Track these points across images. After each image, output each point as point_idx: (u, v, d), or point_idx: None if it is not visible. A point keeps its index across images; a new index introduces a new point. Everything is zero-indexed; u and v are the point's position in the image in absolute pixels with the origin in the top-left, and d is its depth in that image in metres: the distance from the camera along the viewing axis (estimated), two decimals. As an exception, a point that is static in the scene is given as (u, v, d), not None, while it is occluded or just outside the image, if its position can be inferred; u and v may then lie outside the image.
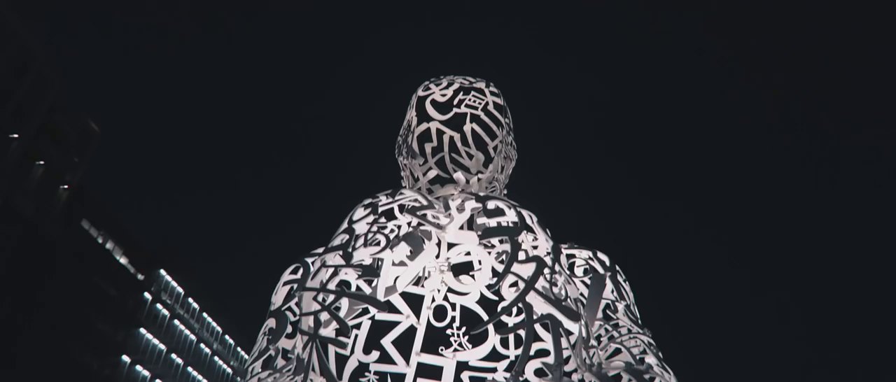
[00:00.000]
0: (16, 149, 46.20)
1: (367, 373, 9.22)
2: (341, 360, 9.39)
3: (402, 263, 8.08)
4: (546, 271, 7.41)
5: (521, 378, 6.54)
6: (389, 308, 7.61)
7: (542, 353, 7.66)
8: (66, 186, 51.11)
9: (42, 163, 48.82)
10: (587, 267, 9.20)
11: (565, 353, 7.11)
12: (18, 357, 43.57)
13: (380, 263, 7.81)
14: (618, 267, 9.18)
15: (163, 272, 62.83)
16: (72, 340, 49.20)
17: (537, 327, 8.10)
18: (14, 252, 45.25)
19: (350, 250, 7.88)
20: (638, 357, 7.73)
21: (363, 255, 7.83)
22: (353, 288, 7.87)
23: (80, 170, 52.66)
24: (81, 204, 52.61)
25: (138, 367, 58.27)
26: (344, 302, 7.53)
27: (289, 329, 8.74)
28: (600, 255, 9.22)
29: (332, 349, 8.61)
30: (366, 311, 9.24)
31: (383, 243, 7.99)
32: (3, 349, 43.12)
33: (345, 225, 8.53)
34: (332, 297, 7.52)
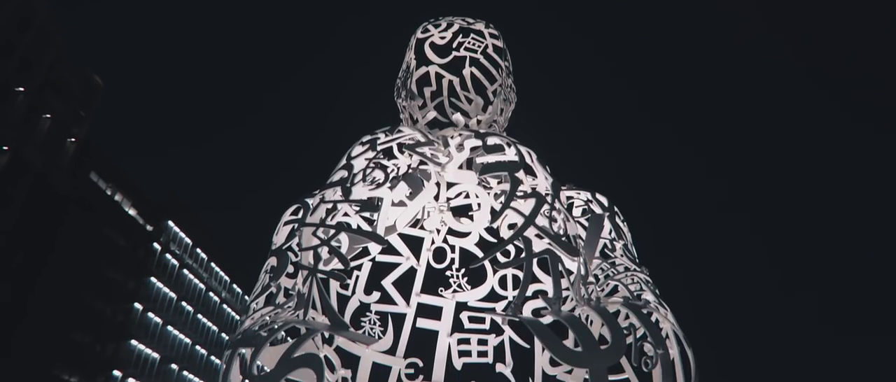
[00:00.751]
0: (21, 103, 45.76)
1: (368, 313, 9.06)
2: (343, 300, 9.20)
3: (401, 203, 7.85)
4: (545, 207, 7.21)
5: (519, 313, 6.38)
6: (388, 244, 7.39)
7: (541, 293, 7.38)
8: (72, 139, 50.84)
9: (48, 116, 48.44)
10: (586, 208, 9.05)
11: (564, 289, 6.93)
12: (34, 305, 44.05)
13: (379, 202, 7.59)
14: (616, 209, 9.01)
15: (171, 223, 63.04)
16: (85, 288, 49.66)
17: (535, 266, 7.86)
18: (25, 203, 45.31)
19: (348, 186, 7.65)
20: (635, 294, 7.63)
21: (362, 191, 7.61)
22: (353, 226, 7.61)
23: (85, 123, 52.27)
24: (89, 156, 52.42)
25: (150, 314, 59.04)
26: (344, 239, 7.34)
27: (290, 268, 8.55)
28: (599, 197, 9.03)
29: (333, 286, 8.39)
30: (366, 252, 9.02)
31: (381, 179, 7.77)
32: (19, 297, 43.56)
33: (343, 162, 8.29)
34: (331, 232, 7.28)
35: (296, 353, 6.74)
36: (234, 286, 74.40)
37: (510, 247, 10.24)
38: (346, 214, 8.70)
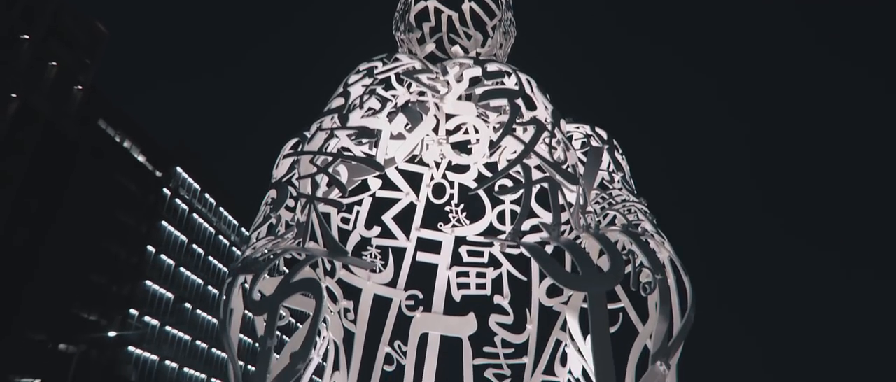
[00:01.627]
0: (27, 51, 44.91)
1: (369, 247, 8.85)
2: (344, 235, 8.97)
3: (399, 136, 7.52)
4: (545, 135, 6.91)
5: (518, 238, 6.14)
6: (385, 169, 7.07)
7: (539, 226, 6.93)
8: (79, 87, 50.10)
9: (54, 64, 47.61)
10: (585, 140, 8.75)
11: (563, 216, 6.64)
12: (50, 248, 44.29)
13: (378, 135, 7.26)
14: (615, 142, 8.71)
15: (179, 169, 62.85)
16: (99, 232, 49.87)
17: (534, 200, 7.54)
18: (36, 150, 45.00)
19: (345, 113, 7.32)
20: (634, 223, 7.41)
21: (359, 118, 7.27)
22: (351, 153, 7.22)
23: (91, 70, 51.40)
24: (96, 104, 51.79)
25: (163, 256, 59.53)
26: (343, 169, 7.05)
27: (290, 202, 8.29)
28: (598, 130, 8.74)
29: (334, 220, 8.14)
30: (366, 187, 8.73)
31: (378, 107, 7.41)
32: (35, 241, 43.77)
33: (340, 89, 7.94)
34: (328, 160, 6.96)
35: (294, 279, 6.64)
36: (243, 230, 74.83)
37: (510, 179, 10.04)
38: (344, 149, 8.45)
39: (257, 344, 6.67)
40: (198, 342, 64.73)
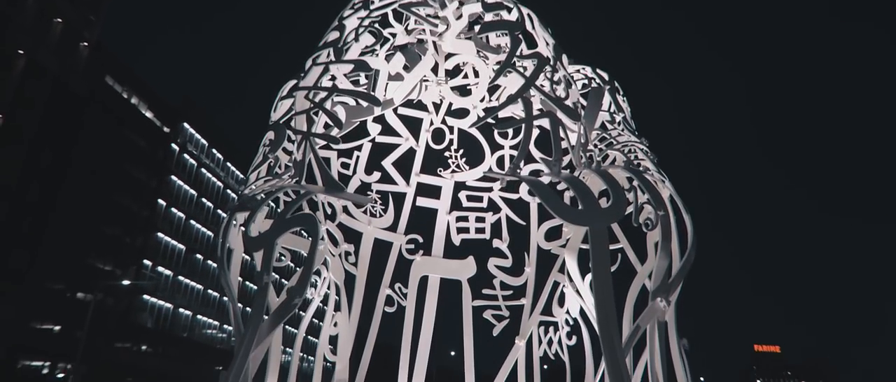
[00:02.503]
0: (32, 7, 43.71)
1: (369, 192, 8.45)
2: (344, 180, 8.56)
3: (398, 76, 7.07)
4: (547, 70, 6.47)
5: (518, 172, 5.78)
6: (381, 103, 6.65)
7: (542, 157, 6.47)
8: (85, 43, 49.00)
9: (59, 20, 46.42)
10: (586, 81, 8.30)
11: (564, 148, 6.22)
12: (63, 202, 44.16)
13: (375, 74, 6.81)
14: (617, 84, 8.27)
15: (186, 125, 62.23)
16: (110, 186, 49.66)
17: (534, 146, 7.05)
18: (46, 106, 44.35)
19: (340, 46, 6.87)
20: (635, 162, 7.04)
21: (355, 52, 6.79)
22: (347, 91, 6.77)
23: (96, 27, 50.17)
24: (102, 60, 50.81)
25: (174, 209, 59.45)
26: (340, 110, 6.64)
27: (290, 145, 7.90)
28: (599, 72, 8.30)
29: (335, 163, 7.76)
30: (365, 131, 8.26)
31: (373, 41, 6.94)
32: (49, 194, 43.60)
33: (335, 23, 7.46)
34: (324, 95, 6.52)
35: (290, 215, 6.37)
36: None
37: (507, 127, 9.68)
38: (337, 71, 7.98)
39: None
40: (209, 291, 65.33)
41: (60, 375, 42.33)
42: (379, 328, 9.42)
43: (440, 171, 10.49)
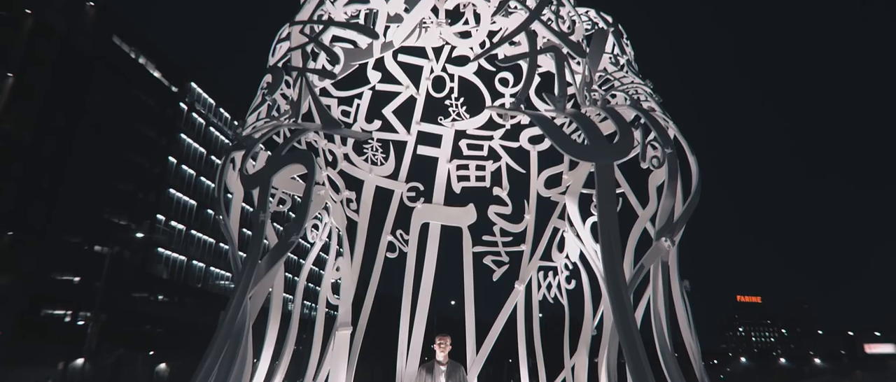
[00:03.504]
0: (36, -35, 42.36)
1: (369, 140, 7.89)
2: (344, 128, 7.78)
3: (397, 17, 6.47)
4: (552, 3, 5.90)
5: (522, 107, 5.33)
6: (378, 36, 6.09)
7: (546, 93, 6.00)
8: (92, 3, 47.73)
9: (65, -21, 45.07)
10: (590, 25, 7.72)
11: (569, 88, 5.73)
12: (76, 158, 43.76)
13: (375, 14, 6.22)
14: (620, 27, 7.71)
15: (194, 84, 61.27)
16: (122, 143, 49.17)
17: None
18: (55, 66, 43.48)
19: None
20: (640, 101, 6.55)
21: None
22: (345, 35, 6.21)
23: (102, -14, 48.75)
24: (109, 20, 49.56)
25: (184, 166, 59.10)
26: (339, 51, 6.10)
27: (290, 91, 7.38)
28: (603, 14, 7.71)
29: (335, 112, 7.26)
30: (365, 78, 7.67)
31: None
32: (62, 150, 43.17)
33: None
34: (320, 29, 6.00)
35: (285, 151, 6.01)
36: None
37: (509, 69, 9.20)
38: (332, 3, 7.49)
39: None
40: (221, 244, 65.53)
41: (81, 323, 42.78)
42: (381, 275, 9.16)
43: (440, 120, 10.06)
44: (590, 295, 8.08)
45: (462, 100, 9.94)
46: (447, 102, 9.94)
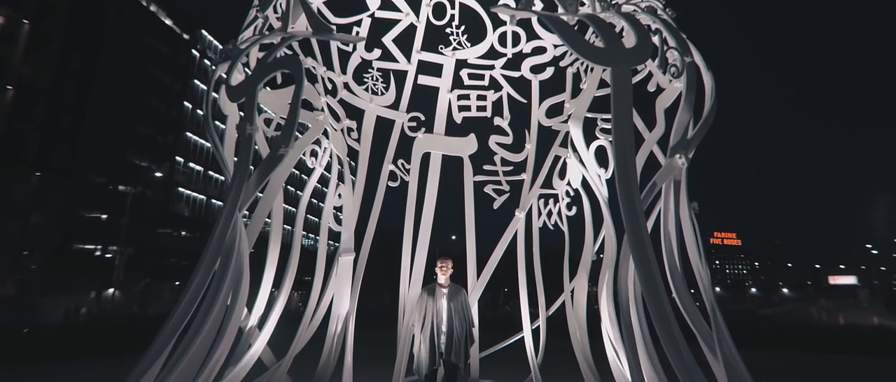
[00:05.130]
0: (45, -88, 39.90)
1: (370, 70, 6.76)
2: (344, 57, 6.89)
3: None
4: None
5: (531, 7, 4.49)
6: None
7: None
8: (100, -50, 45.31)
9: (74, -73, 42.59)
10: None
11: None
12: (95, 103, 42.69)
13: None
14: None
15: (204, 32, 59.22)
16: (138, 89, 47.93)
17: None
18: (69, 14, 41.73)
19: None
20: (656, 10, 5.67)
21: None
22: None
23: (109, -67, 46.15)
24: (119, -33, 47.23)
25: (199, 111, 57.93)
26: None
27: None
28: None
29: (334, 42, 6.26)
30: (365, 5, 6.57)
31: None
32: (81, 95, 42.06)
33: None
34: None
35: (273, 58, 5.33)
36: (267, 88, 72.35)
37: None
38: None
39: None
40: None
41: (108, 256, 42.97)
42: (383, 207, 8.58)
43: (441, 49, 9.24)
44: (591, 221, 7.54)
45: (463, 28, 9.09)
46: (448, 31, 9.10)
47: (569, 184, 8.10)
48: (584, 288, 7.40)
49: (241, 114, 5.86)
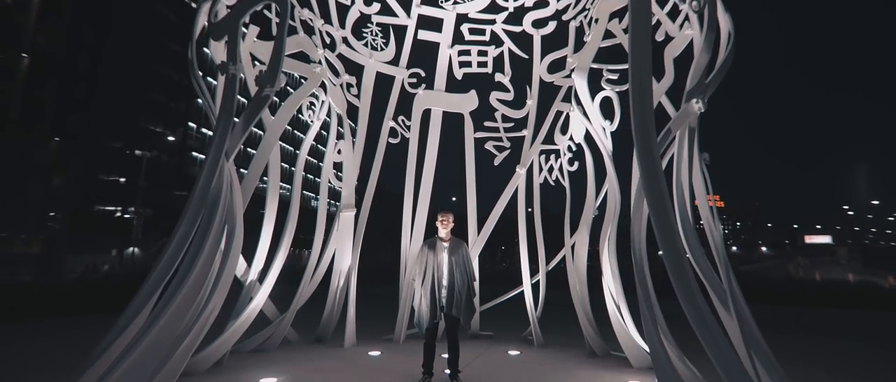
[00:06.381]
0: None
1: (369, 24, 5.96)
2: (343, 10, 6.05)
3: None
4: None
5: None
6: None
7: None
8: (107, -82, 43.37)
9: None
10: None
11: None
12: (107, 71, 41.68)
13: None
14: None
15: (213, 1, 57.34)
16: (150, 57, 46.71)
17: None
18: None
19: None
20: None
21: None
22: None
23: None
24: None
25: (210, 79, 56.64)
26: None
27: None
28: None
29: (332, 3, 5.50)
30: None
31: None
32: (94, 63, 41.01)
33: None
34: None
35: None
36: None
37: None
38: None
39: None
40: (249, 149, 64.45)
41: (127, 216, 42.78)
42: (382, 166, 8.06)
43: (441, 3, 8.55)
44: (593, 176, 7.05)
45: (464, -20, 8.38)
46: (448, -16, 8.39)
47: (571, 138, 7.57)
48: (584, 244, 6.97)
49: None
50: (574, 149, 7.68)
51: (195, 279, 3.58)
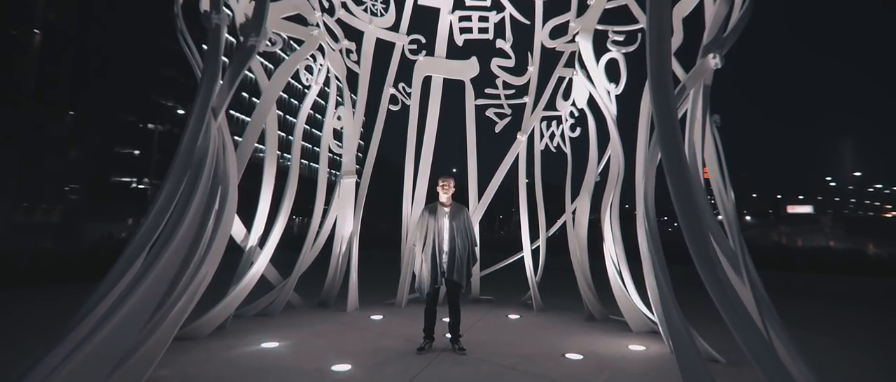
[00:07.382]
0: None
1: None
2: None
3: None
4: None
5: None
6: None
7: None
8: None
9: None
10: None
11: None
12: (119, 45, 40.68)
13: None
14: None
15: (219, -23, 55.68)
16: (159, 32, 45.58)
17: None
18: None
19: None
20: None
21: None
22: None
23: None
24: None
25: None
26: None
27: None
28: None
29: None
30: None
31: None
32: (104, 41, 40.02)
33: None
34: None
35: None
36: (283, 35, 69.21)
37: None
38: None
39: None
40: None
41: (142, 186, 42.57)
42: (382, 134, 7.64)
43: (442, -31, 7.96)
44: (595, 141, 6.64)
45: (465, -56, 7.79)
46: (449, -53, 7.80)
47: (573, 104, 7.13)
48: (585, 210, 6.63)
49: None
50: (576, 114, 7.26)
51: (180, 241, 3.26)
